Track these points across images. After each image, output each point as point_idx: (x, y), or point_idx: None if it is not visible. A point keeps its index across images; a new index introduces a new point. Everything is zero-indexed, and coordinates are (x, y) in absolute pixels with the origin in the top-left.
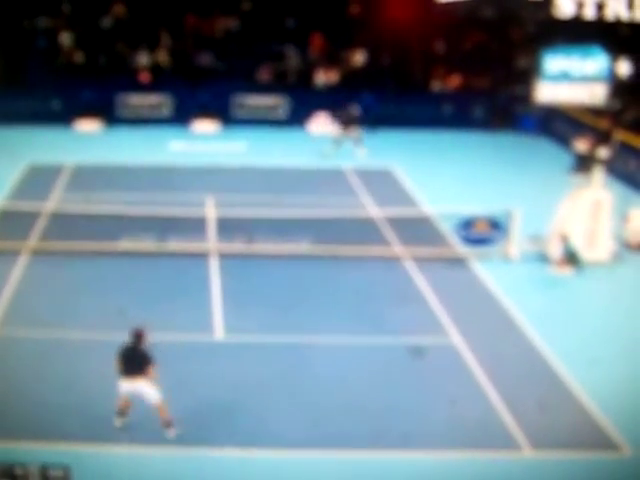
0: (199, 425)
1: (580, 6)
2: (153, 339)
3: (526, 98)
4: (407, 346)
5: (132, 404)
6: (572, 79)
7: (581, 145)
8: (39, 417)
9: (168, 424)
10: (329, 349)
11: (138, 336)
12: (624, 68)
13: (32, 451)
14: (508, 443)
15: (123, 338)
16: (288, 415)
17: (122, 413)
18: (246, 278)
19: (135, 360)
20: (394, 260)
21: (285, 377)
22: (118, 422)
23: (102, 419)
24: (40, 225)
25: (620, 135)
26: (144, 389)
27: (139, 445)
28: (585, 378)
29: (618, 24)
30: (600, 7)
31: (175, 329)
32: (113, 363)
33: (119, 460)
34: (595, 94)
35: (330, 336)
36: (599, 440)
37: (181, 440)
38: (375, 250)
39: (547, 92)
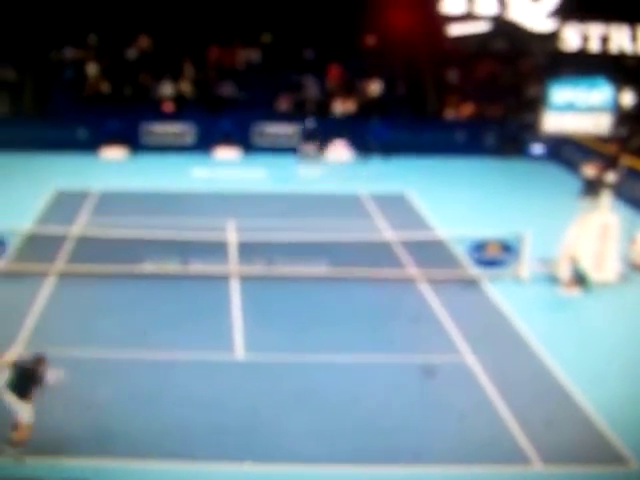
0: (219, 441)
1: (585, 39)
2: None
3: (534, 126)
4: (421, 365)
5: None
6: (578, 109)
7: (589, 170)
8: (59, 434)
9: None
10: (345, 368)
11: (39, 361)
12: (628, 99)
13: (54, 467)
14: (518, 458)
15: (144, 357)
16: (304, 431)
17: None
18: (266, 299)
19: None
20: (409, 282)
21: (302, 395)
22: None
23: (119, 436)
24: (67, 248)
25: (627, 161)
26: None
27: (154, 460)
28: (593, 395)
29: (622, 56)
30: (604, 40)
31: (197, 348)
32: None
33: (134, 475)
34: (600, 124)
35: (346, 355)
36: (607, 455)
37: (200, 455)
38: (390, 272)
39: (554, 122)
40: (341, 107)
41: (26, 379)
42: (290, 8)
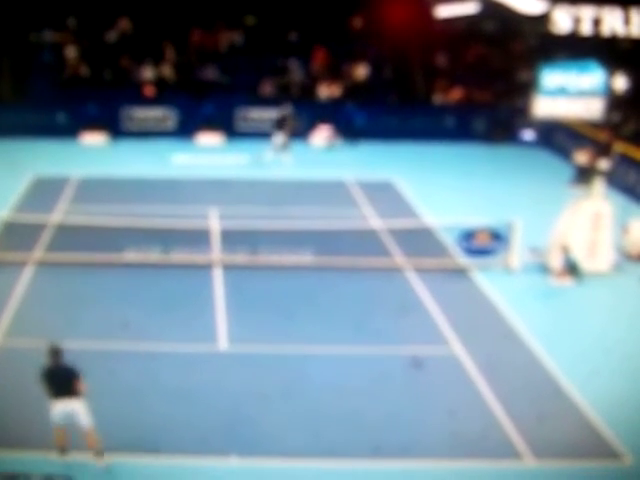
0: (202, 434)
1: (577, 22)
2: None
3: (525, 111)
4: (408, 356)
5: (66, 432)
6: (569, 94)
7: (581, 157)
8: (41, 427)
9: (98, 452)
10: (331, 359)
11: (55, 352)
12: (621, 82)
13: (36, 461)
14: (510, 453)
15: (126, 348)
16: (288, 424)
17: (63, 449)
18: (249, 289)
19: (61, 379)
20: (396, 271)
21: (287, 387)
22: (62, 457)
23: (98, 429)
24: (45, 237)
25: (620, 147)
26: (79, 410)
27: (142, 455)
28: (586, 387)
29: (615, 39)
30: (596, 23)
31: (180, 339)
32: (40, 386)
33: (123, 469)
34: (592, 108)
35: (332, 346)
36: (600, 449)
37: (183, 449)
38: (377, 261)
39: (545, 107)
40: (326, 91)
41: (59, 378)
42: None
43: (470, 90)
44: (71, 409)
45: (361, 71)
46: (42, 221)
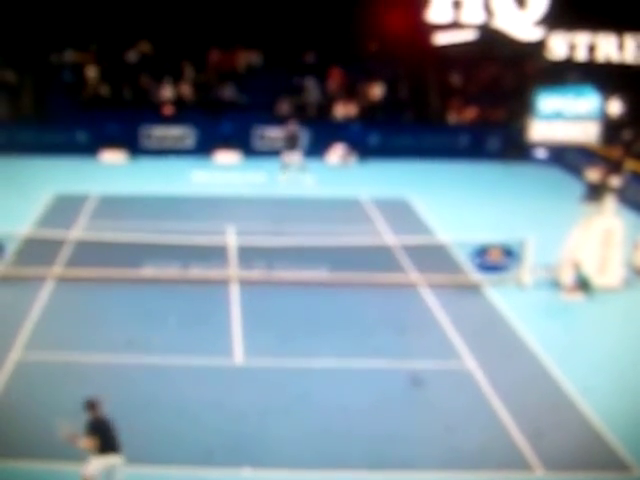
0: (212, 446)
1: (572, 48)
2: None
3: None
4: (421, 371)
5: None
6: (565, 118)
7: (593, 175)
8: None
9: None
10: (345, 373)
11: (92, 406)
12: (615, 107)
13: (54, 473)
14: (520, 464)
15: (143, 362)
16: (305, 438)
17: None
18: (265, 304)
19: (108, 432)
20: (410, 287)
21: (301, 401)
22: None
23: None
24: (65, 252)
25: (631, 165)
26: (120, 466)
27: (149, 465)
28: (596, 401)
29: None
30: (591, 49)
31: (196, 353)
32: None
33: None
34: (588, 132)
35: (346, 361)
36: (610, 461)
37: (197, 461)
38: (391, 277)
39: (541, 130)
40: (342, 111)
41: (106, 431)
42: (291, 11)
43: (484, 109)
44: (113, 465)
45: (376, 91)
46: (62, 237)
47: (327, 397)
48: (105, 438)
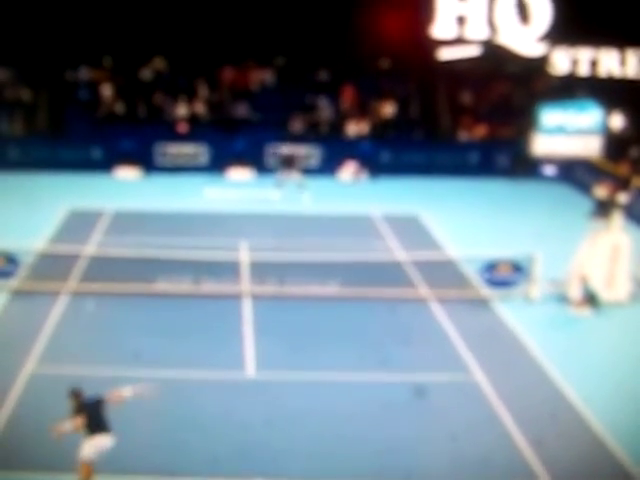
0: (228, 456)
1: (575, 63)
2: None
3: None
4: (430, 384)
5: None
6: (568, 132)
7: (601, 191)
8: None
9: None
10: (354, 386)
11: (76, 395)
12: (617, 121)
13: None
14: (528, 476)
15: (156, 376)
16: (313, 448)
17: None
18: (278, 319)
19: (95, 412)
20: (420, 302)
21: (311, 412)
22: None
23: (122, 453)
24: (80, 267)
25: (638, 182)
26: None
27: (158, 477)
28: (604, 414)
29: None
30: (594, 64)
31: (209, 367)
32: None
33: None
34: (590, 146)
35: (356, 374)
36: (616, 472)
37: (206, 471)
38: (401, 292)
39: (544, 144)
40: (355, 128)
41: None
42: (304, 29)
43: (494, 127)
44: (105, 444)
45: (388, 109)
46: (76, 252)
47: (336, 409)
48: (92, 418)
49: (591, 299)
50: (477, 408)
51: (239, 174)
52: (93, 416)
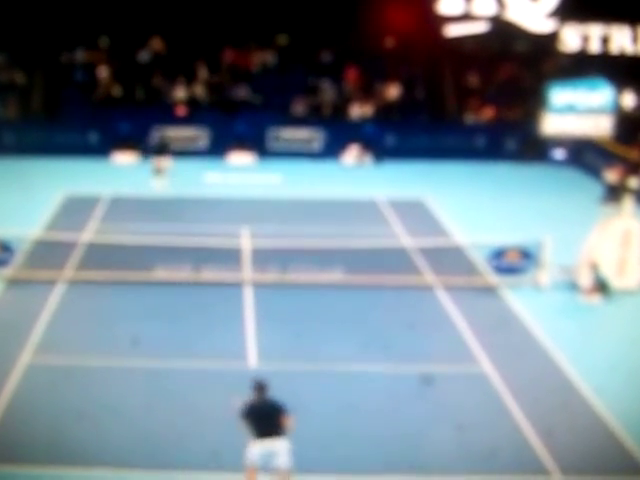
0: (229, 448)
1: (585, 40)
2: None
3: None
4: (437, 373)
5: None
6: (578, 111)
7: (611, 175)
8: (58, 444)
9: None
10: (359, 375)
11: (260, 388)
12: (629, 100)
13: (50, 476)
14: (538, 468)
15: (156, 365)
16: (317, 439)
17: None
18: (280, 307)
19: (266, 417)
20: (426, 289)
21: (314, 403)
22: None
23: (121, 445)
24: (76, 254)
25: None
26: (281, 450)
27: (152, 470)
28: (614, 404)
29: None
30: (605, 41)
31: (210, 357)
32: (241, 425)
33: None
34: (601, 125)
35: (361, 364)
36: (629, 466)
37: (205, 464)
38: (407, 279)
39: (554, 124)
40: (359, 111)
41: (266, 415)
42: (306, 9)
43: (501, 109)
44: (273, 449)
45: (393, 91)
46: (73, 239)
47: (340, 399)
48: (261, 424)
49: (602, 286)
50: (485, 399)
51: (240, 158)
52: (265, 418)
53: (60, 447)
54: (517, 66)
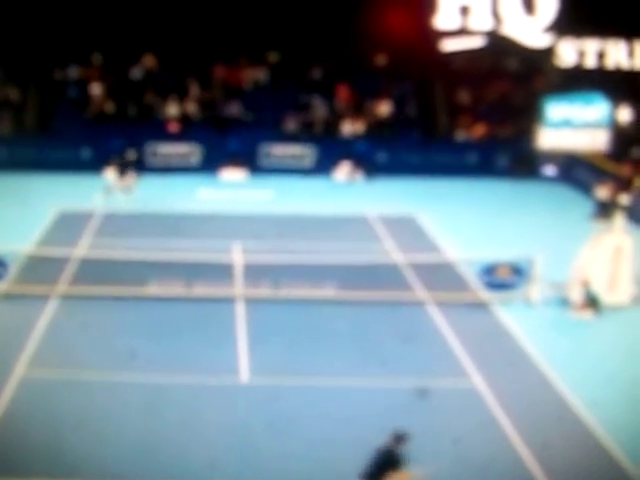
0: (223, 461)
1: (582, 55)
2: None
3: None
4: (428, 389)
5: None
6: (574, 126)
7: (602, 192)
8: (52, 456)
9: None
10: (351, 391)
11: (399, 438)
12: (625, 115)
13: None
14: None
15: (149, 380)
16: (310, 452)
17: None
18: (272, 323)
19: (382, 464)
20: (418, 304)
21: (307, 417)
22: None
23: (115, 458)
24: (69, 270)
25: None
26: None
27: None
28: (605, 419)
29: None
30: (601, 56)
31: (202, 372)
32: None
33: None
34: (596, 140)
35: (352, 378)
36: (619, 478)
37: (201, 476)
38: (399, 295)
39: (550, 138)
40: (350, 128)
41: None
42: (297, 26)
43: (493, 126)
44: None
45: (384, 108)
46: (67, 254)
47: (332, 414)
48: (371, 466)
49: (593, 302)
50: (477, 413)
51: (232, 174)
52: (378, 465)
53: (55, 460)
54: (508, 83)
